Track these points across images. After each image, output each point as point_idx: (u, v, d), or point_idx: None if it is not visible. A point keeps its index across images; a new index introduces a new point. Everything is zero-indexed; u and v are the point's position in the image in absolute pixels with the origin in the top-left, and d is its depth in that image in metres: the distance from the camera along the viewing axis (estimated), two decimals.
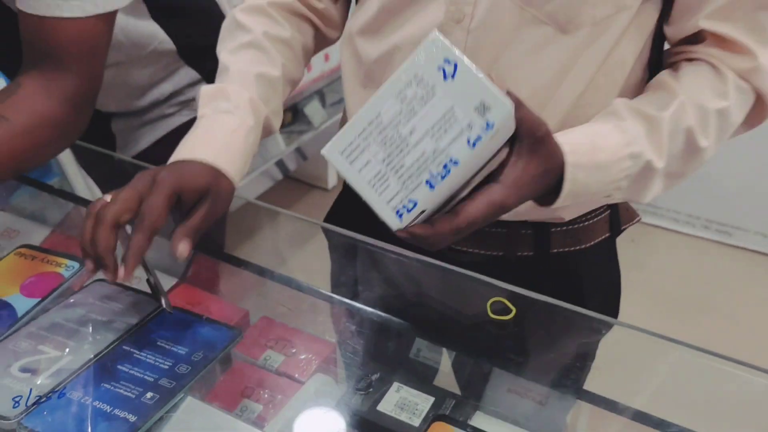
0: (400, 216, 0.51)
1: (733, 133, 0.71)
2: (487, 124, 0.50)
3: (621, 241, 0.89)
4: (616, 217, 0.86)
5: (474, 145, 0.50)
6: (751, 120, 0.71)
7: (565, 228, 0.81)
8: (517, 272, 0.78)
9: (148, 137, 1.13)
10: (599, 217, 0.83)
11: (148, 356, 0.62)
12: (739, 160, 2.18)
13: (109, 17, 0.83)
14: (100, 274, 0.61)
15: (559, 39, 0.65)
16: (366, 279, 0.80)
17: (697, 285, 2.16)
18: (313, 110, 2.27)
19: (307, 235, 0.90)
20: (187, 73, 1.11)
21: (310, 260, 0.87)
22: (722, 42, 0.66)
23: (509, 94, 0.53)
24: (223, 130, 0.70)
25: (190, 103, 1.14)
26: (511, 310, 0.68)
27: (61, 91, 0.82)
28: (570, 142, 0.61)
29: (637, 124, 0.65)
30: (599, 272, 0.88)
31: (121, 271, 0.59)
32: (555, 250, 0.82)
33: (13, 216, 0.86)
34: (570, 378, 0.68)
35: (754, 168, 2.20)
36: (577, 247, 0.83)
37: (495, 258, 0.81)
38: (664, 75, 0.70)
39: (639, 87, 0.73)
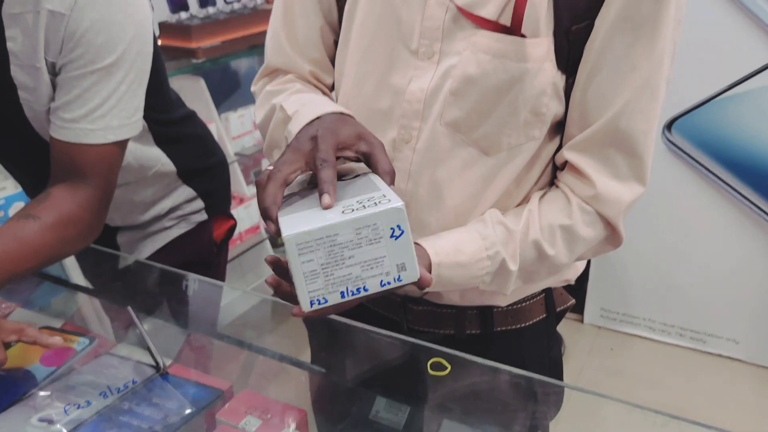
0: (312, 305, 0.65)
1: (597, 249, 0.88)
2: (399, 278, 0.65)
3: (600, 350, 1.03)
4: (551, 300, 1.00)
5: (383, 285, 0.65)
6: (611, 240, 0.87)
7: (505, 309, 0.95)
8: (468, 349, 0.92)
9: (149, 247, 1.28)
10: (535, 300, 0.97)
11: (145, 410, 0.74)
12: (708, 270, 2.34)
13: (124, 143, 1.02)
14: (106, 348, 0.74)
15: (482, 159, 0.83)
16: (338, 351, 0.93)
17: (674, 391, 2.24)
18: None
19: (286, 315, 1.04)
20: (185, 191, 1.28)
21: (287, 337, 1.00)
22: (575, 171, 0.84)
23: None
24: (324, 100, 0.84)
25: (187, 216, 1.30)
26: (446, 368, 0.80)
27: (83, 198, 0.99)
28: (435, 246, 0.80)
29: (498, 233, 0.83)
30: (540, 349, 1.01)
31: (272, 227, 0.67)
32: (498, 329, 0.96)
33: (30, 311, 1.00)
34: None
35: (723, 277, 2.34)
36: (518, 326, 0.97)
37: (448, 336, 0.95)
38: (533, 194, 0.87)
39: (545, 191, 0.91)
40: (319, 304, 0.65)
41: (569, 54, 0.78)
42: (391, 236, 0.64)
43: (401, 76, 0.83)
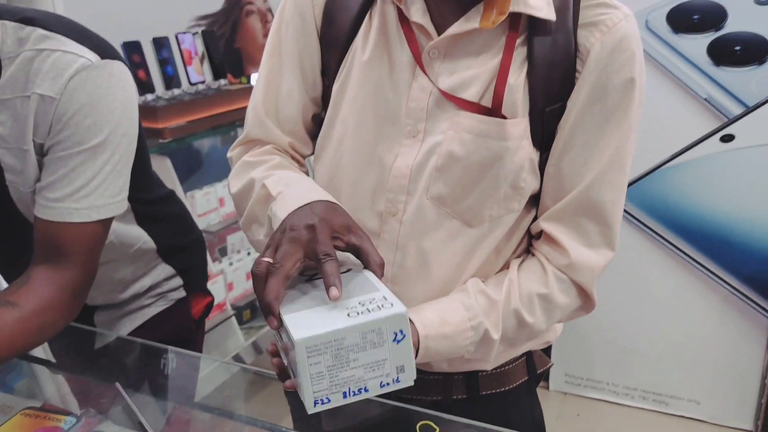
0: (316, 405, 0.67)
1: (571, 314, 0.93)
2: (397, 379, 0.69)
3: (568, 416, 1.07)
4: (532, 363, 1.03)
5: (382, 386, 0.69)
6: (585, 306, 0.93)
7: (490, 373, 0.98)
8: (456, 413, 0.94)
9: (128, 326, 1.28)
10: (517, 363, 1.01)
11: None
12: (667, 333, 2.41)
13: (108, 222, 1.03)
14: (93, 425, 0.74)
15: (466, 231, 0.88)
16: (324, 417, 0.94)
17: None
18: None
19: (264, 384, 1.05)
20: (164, 269, 1.29)
21: (268, 405, 1.01)
22: (550, 240, 0.90)
23: None
24: (308, 183, 0.86)
25: (166, 294, 1.31)
26: (435, 430, 0.82)
27: (64, 281, 0.99)
28: (422, 318, 0.84)
29: (480, 303, 0.87)
30: (524, 410, 1.03)
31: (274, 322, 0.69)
32: (484, 393, 0.98)
33: (6, 394, 0.98)
34: None
35: (681, 339, 2.41)
36: (503, 389, 0.99)
37: (436, 402, 0.97)
38: (512, 263, 0.92)
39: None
40: (323, 404, 0.67)
41: (543, 132, 0.85)
42: (394, 340, 0.68)
43: (388, 153, 0.88)
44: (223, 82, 2.44)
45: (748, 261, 2.24)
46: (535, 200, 0.91)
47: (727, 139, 2.16)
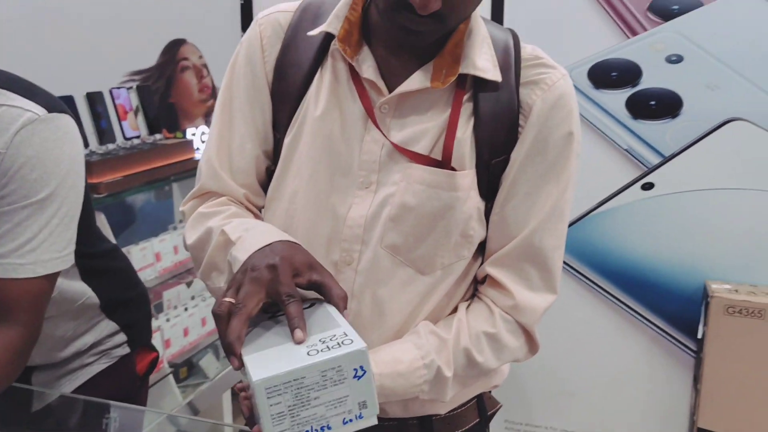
0: None
1: (519, 356, 0.98)
2: (360, 415, 0.70)
3: None
4: (482, 405, 1.06)
5: (345, 423, 0.70)
6: (530, 347, 0.98)
7: (443, 416, 1.00)
8: None
9: (68, 386, 1.24)
10: (468, 406, 1.03)
11: None
12: (601, 374, 2.48)
13: (54, 277, 1.01)
14: None
15: (419, 278, 0.92)
16: None
17: None
18: (208, 363, 2.39)
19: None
20: (107, 325, 1.26)
21: None
22: (495, 284, 0.95)
23: None
24: (267, 226, 0.88)
25: (109, 351, 1.27)
26: None
27: (6, 339, 0.96)
28: (375, 358, 0.86)
29: (431, 342, 0.91)
30: None
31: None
32: None
33: None
34: None
35: (614, 380, 2.48)
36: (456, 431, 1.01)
37: None
38: (459, 306, 0.97)
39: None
40: None
41: (489, 183, 0.90)
42: (354, 376, 0.68)
43: (341, 204, 0.91)
44: (158, 136, 2.43)
45: (672, 302, 2.36)
46: (481, 247, 0.95)
47: (648, 187, 2.29)
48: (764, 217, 2.23)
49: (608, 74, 2.25)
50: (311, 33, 0.91)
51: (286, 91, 0.95)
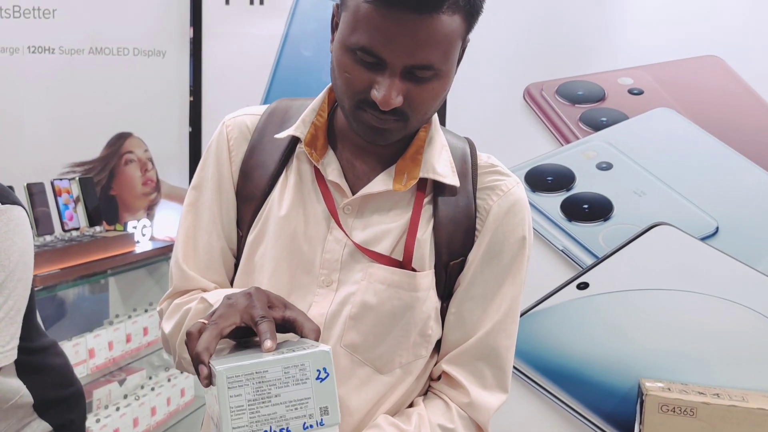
0: None
1: None
2: (321, 422, 0.70)
3: None
4: None
5: (305, 428, 0.69)
6: None
7: None
8: None
9: None
10: None
11: None
12: None
13: None
14: None
15: (377, 377, 0.93)
16: None
17: None
18: None
19: None
20: (39, 425, 1.21)
21: None
22: (451, 381, 0.97)
23: None
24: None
25: None
26: None
27: None
28: None
29: None
30: None
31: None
32: None
33: None
34: None
35: None
36: None
37: None
38: (416, 400, 0.97)
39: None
40: None
41: (446, 284, 0.94)
42: (317, 378, 0.69)
43: (302, 301, 0.92)
44: (98, 229, 2.39)
45: (607, 399, 2.40)
46: (437, 345, 0.97)
47: (583, 286, 2.38)
48: (692, 316, 2.33)
49: (544, 178, 2.38)
50: (278, 136, 0.95)
51: (251, 192, 0.97)
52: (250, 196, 0.97)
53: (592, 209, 2.35)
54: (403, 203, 0.93)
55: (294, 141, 0.96)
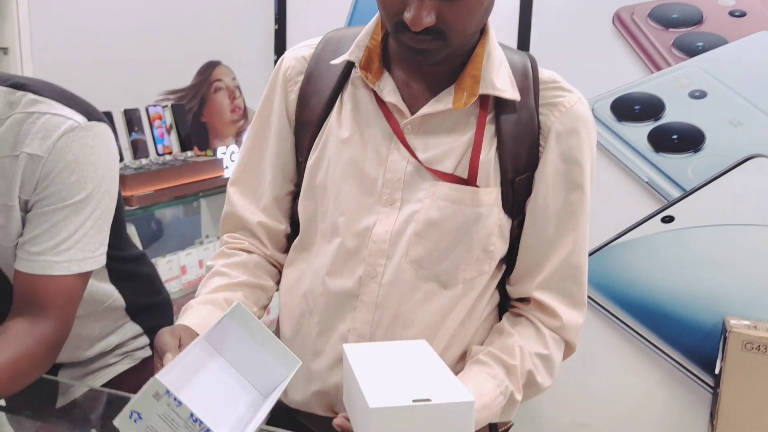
0: None
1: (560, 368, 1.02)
2: None
3: None
4: (494, 425, 1.08)
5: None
6: (564, 356, 1.03)
7: None
8: None
9: (91, 385, 1.28)
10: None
11: None
12: (613, 404, 2.47)
13: (86, 276, 1.06)
14: None
15: (442, 292, 0.96)
16: None
17: None
18: None
19: None
20: (131, 327, 1.31)
21: None
22: (542, 306, 0.99)
23: None
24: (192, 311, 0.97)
25: (132, 353, 1.32)
26: None
27: (41, 333, 1.01)
28: None
29: (501, 370, 0.94)
30: None
31: None
32: None
33: None
34: None
35: (626, 410, 2.47)
36: None
37: None
38: (505, 326, 1.00)
39: (491, 317, 1.03)
40: None
41: (514, 200, 0.95)
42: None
43: (366, 221, 0.95)
44: (189, 154, 2.50)
45: (689, 335, 2.35)
46: (501, 263, 1.00)
47: (668, 220, 2.31)
48: None
49: (631, 108, 2.29)
50: (334, 62, 0.97)
51: (308, 118, 1.01)
52: (307, 122, 1.00)
53: (681, 140, 2.25)
54: (463, 122, 0.93)
55: (349, 67, 0.98)
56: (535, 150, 0.94)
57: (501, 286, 1.03)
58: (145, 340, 1.34)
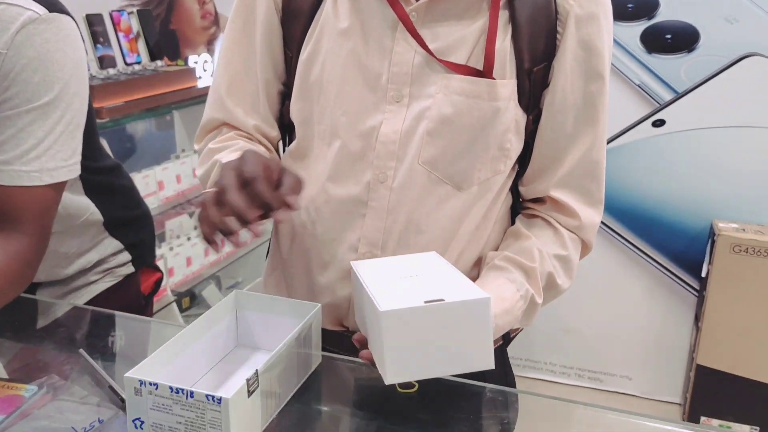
0: None
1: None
2: None
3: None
4: (507, 332, 1.05)
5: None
6: (581, 256, 0.98)
7: None
8: None
9: (73, 303, 1.22)
10: None
11: None
12: (601, 313, 2.49)
13: (60, 186, 0.98)
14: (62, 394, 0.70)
15: (456, 195, 0.89)
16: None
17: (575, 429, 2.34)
18: (210, 293, 2.39)
19: None
20: (111, 243, 1.24)
21: None
22: (560, 206, 0.94)
23: None
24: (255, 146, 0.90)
25: (114, 270, 1.26)
26: (414, 385, 0.82)
27: (15, 249, 0.93)
28: None
29: (520, 274, 0.90)
30: (499, 371, 1.04)
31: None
32: None
33: None
34: None
35: (614, 318, 2.50)
36: None
37: None
38: (521, 228, 0.95)
39: (504, 220, 0.98)
40: None
41: (530, 93, 0.87)
42: None
43: (371, 120, 0.87)
44: (159, 63, 2.37)
45: (677, 240, 2.35)
46: (514, 163, 0.93)
47: (659, 123, 2.25)
48: None
49: (624, 6, 2.19)
50: None
51: (299, 6, 0.91)
52: (297, 11, 0.90)
53: (675, 39, 2.17)
54: (474, 7, 0.85)
55: None
56: (553, 37, 0.86)
57: (512, 188, 0.97)
58: (126, 256, 1.27)
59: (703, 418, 2.35)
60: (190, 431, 0.66)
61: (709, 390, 2.31)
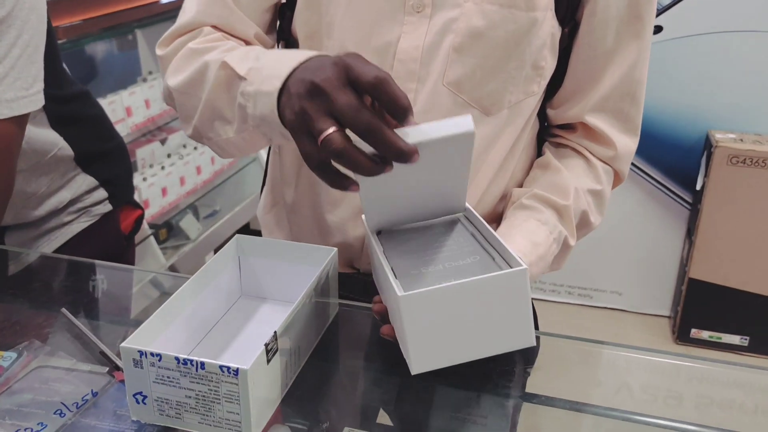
0: None
1: None
2: None
3: None
4: None
5: None
6: (613, 187, 0.90)
7: None
8: None
9: (46, 248, 1.11)
10: None
11: (111, 426, 0.61)
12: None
13: (23, 120, 0.86)
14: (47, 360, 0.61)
15: (484, 120, 0.79)
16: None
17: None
18: (188, 224, 2.28)
19: None
20: (85, 180, 1.12)
21: None
22: (594, 134, 0.84)
23: None
24: (285, 51, 0.68)
25: (89, 209, 1.14)
26: None
27: None
28: (519, 250, 0.74)
29: (552, 214, 0.81)
30: None
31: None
32: None
33: None
34: (511, 385, 0.74)
35: (603, 235, 2.45)
36: None
37: None
38: (551, 159, 0.85)
39: (529, 148, 0.88)
40: None
41: (568, 3, 0.76)
42: None
43: (387, 34, 0.75)
44: None
45: (671, 153, 2.28)
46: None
47: (656, 30, 2.14)
48: None
49: None
50: None
51: None
52: None
53: None
54: None
55: None
56: None
57: (539, 111, 0.87)
58: (102, 193, 1.15)
59: (693, 330, 2.36)
60: (202, 406, 0.57)
61: (700, 303, 2.30)
